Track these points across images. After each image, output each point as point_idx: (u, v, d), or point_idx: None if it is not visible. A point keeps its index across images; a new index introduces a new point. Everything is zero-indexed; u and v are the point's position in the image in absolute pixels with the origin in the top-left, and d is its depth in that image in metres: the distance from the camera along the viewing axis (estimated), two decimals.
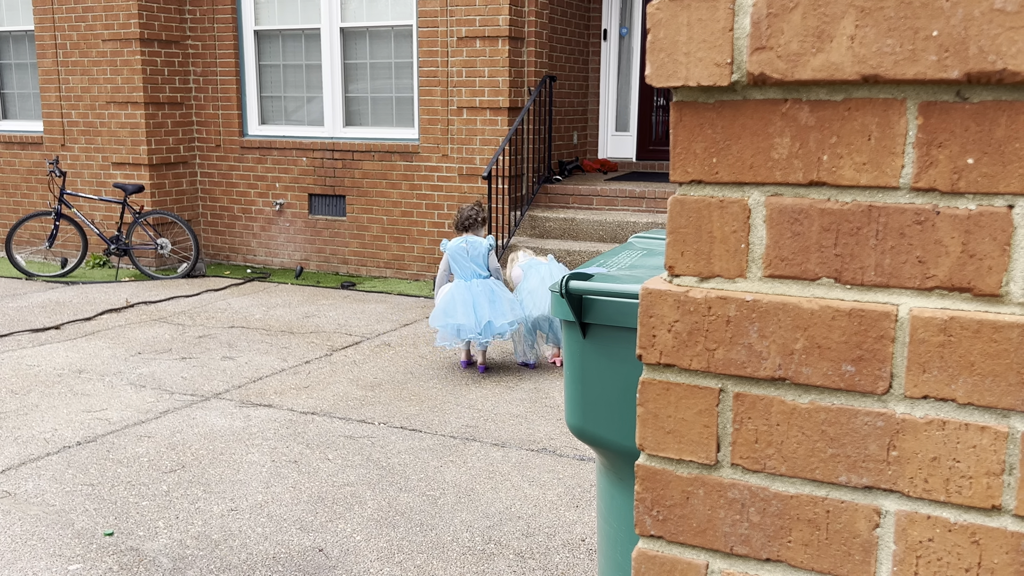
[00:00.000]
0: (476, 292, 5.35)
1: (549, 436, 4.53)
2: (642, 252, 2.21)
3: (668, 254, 0.88)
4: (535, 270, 5.63)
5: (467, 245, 5.51)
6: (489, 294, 5.37)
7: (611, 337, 1.85)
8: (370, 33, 8.65)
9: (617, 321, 1.83)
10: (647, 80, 0.87)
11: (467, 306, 5.29)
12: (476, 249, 5.49)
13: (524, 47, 8.19)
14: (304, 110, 9.13)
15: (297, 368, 5.75)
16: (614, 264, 2.06)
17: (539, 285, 5.47)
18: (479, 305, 5.30)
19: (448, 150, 8.36)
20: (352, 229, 8.91)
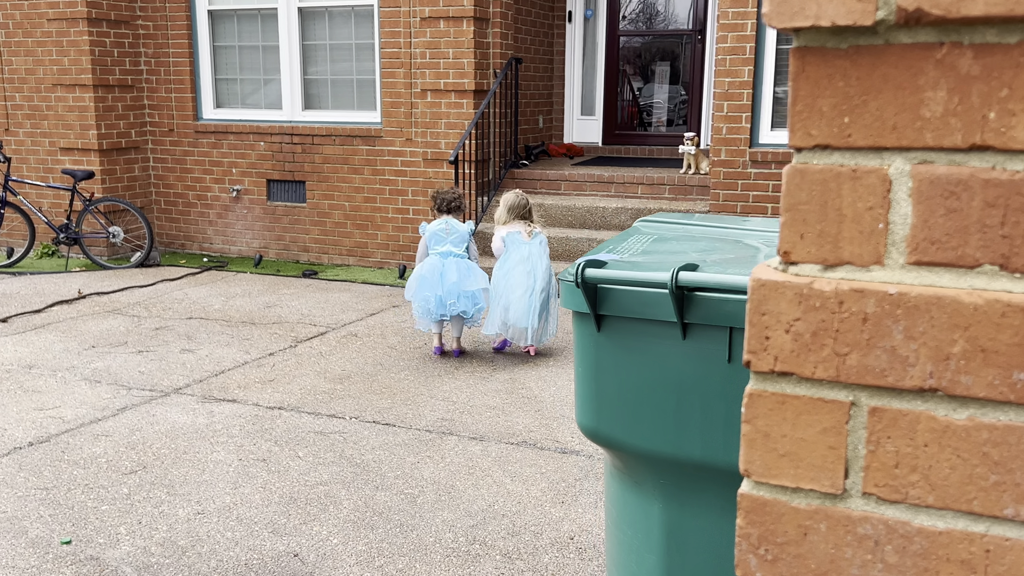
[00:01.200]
0: (448, 266, 5.37)
1: (528, 428, 4.38)
2: (651, 238, 2.06)
3: (784, 236, 0.72)
4: (515, 249, 5.41)
5: (447, 226, 5.50)
6: (464, 269, 5.39)
7: (629, 329, 1.69)
8: (329, 13, 8.37)
9: (636, 312, 1.67)
10: (764, 20, 0.70)
11: (437, 275, 5.33)
12: (456, 232, 5.50)
13: (489, 28, 7.99)
14: (261, 93, 8.83)
15: (261, 360, 5.52)
16: (625, 250, 1.91)
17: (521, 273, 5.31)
18: (447, 276, 5.32)
19: (412, 134, 8.14)
20: (313, 216, 8.66)
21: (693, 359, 1.65)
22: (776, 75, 7.15)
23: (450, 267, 5.37)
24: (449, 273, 5.34)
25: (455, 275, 5.33)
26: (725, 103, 7.20)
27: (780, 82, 7.16)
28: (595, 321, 1.71)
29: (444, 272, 5.34)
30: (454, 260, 5.42)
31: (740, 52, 7.09)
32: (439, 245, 5.48)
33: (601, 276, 1.67)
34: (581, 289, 1.67)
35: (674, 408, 1.67)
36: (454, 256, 5.44)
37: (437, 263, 5.40)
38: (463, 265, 5.42)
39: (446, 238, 5.47)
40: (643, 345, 1.69)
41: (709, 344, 1.64)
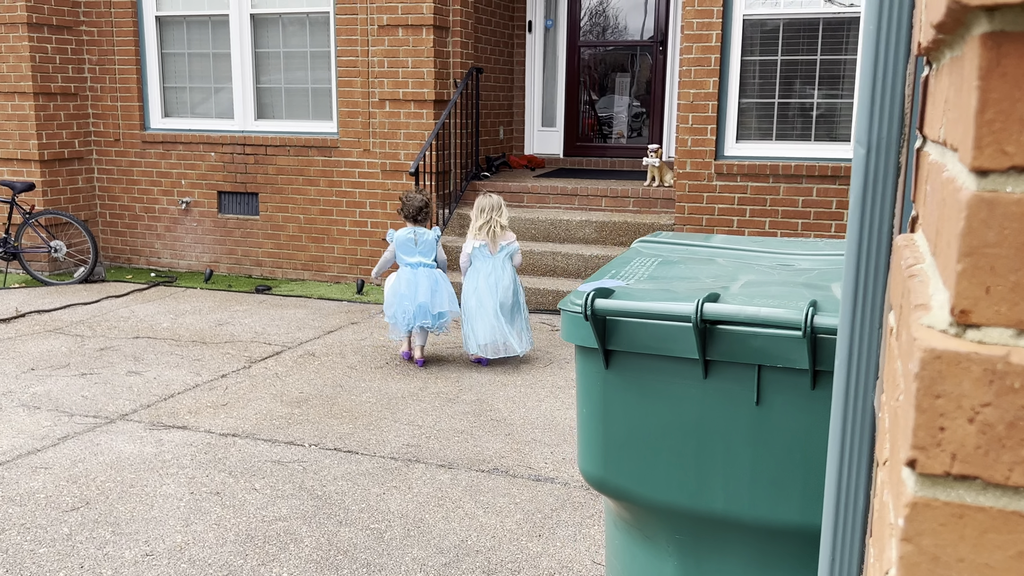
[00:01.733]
0: (420, 278, 5.44)
1: (499, 454, 4.17)
2: (655, 260, 1.87)
3: (961, 289, 0.53)
4: (481, 265, 5.50)
5: (415, 235, 5.55)
6: (432, 283, 5.46)
7: (643, 367, 1.50)
8: (283, 20, 8.10)
9: (651, 347, 1.49)
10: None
11: (411, 288, 5.41)
12: (423, 239, 5.55)
13: (449, 37, 7.79)
14: (212, 102, 8.51)
15: (212, 383, 5.24)
16: (629, 275, 1.72)
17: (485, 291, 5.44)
18: (420, 291, 5.40)
19: (370, 144, 7.90)
20: (266, 229, 8.36)
21: (716, 400, 1.47)
22: (741, 86, 7.06)
23: (423, 281, 5.43)
24: (422, 288, 5.41)
25: (427, 292, 5.40)
26: (690, 115, 7.09)
27: (745, 94, 7.08)
28: (603, 357, 1.52)
29: (418, 287, 5.42)
30: (425, 272, 5.48)
31: (705, 63, 6.99)
32: (409, 255, 5.53)
33: (613, 308, 1.48)
34: (591, 322, 1.48)
35: (693, 455, 1.49)
36: (425, 267, 5.50)
37: (411, 277, 5.45)
38: (433, 279, 5.48)
39: (415, 248, 5.52)
40: (659, 384, 1.50)
41: (734, 384, 1.46)
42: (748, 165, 7.01)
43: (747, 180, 7.05)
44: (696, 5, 6.91)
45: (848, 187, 6.87)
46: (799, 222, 6.98)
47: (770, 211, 7.03)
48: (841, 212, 6.88)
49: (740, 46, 6.98)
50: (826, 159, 6.91)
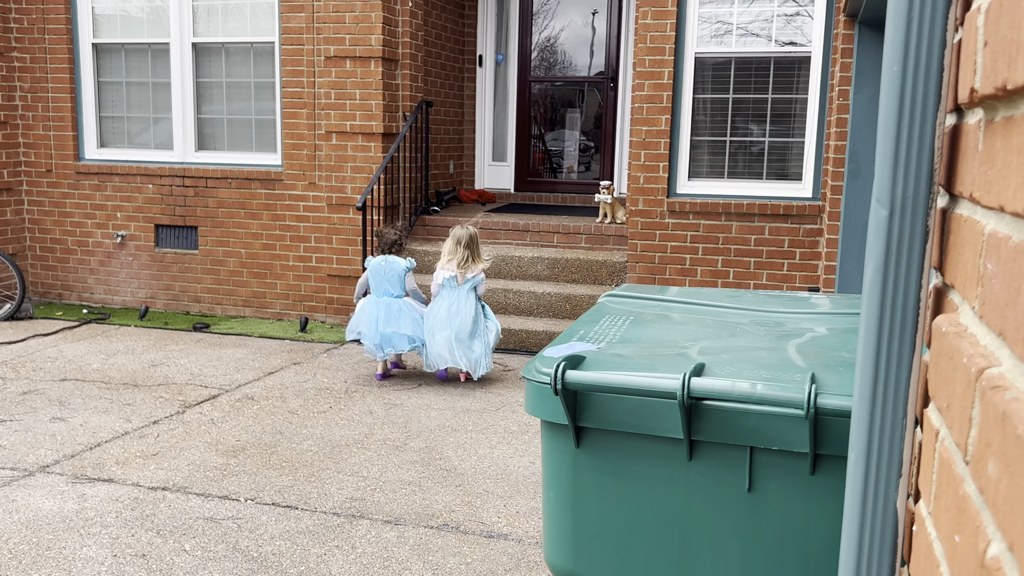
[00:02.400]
0: (382, 308, 5.75)
1: (448, 508, 3.95)
2: (626, 319, 1.69)
3: None
4: (447, 294, 5.79)
5: (385, 264, 5.84)
6: (396, 312, 5.75)
7: (620, 447, 1.32)
8: (227, 49, 7.86)
9: (629, 425, 1.31)
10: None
11: (371, 319, 5.73)
12: (393, 270, 5.83)
13: (399, 70, 7.63)
14: (151, 132, 8.21)
15: (143, 430, 4.92)
16: (600, 336, 1.54)
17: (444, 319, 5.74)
18: (381, 320, 5.71)
19: (315, 178, 7.67)
20: (205, 263, 8.04)
21: (702, 486, 1.29)
22: (693, 124, 7.01)
23: (382, 312, 5.74)
24: (380, 317, 5.73)
25: (384, 322, 5.71)
26: (642, 152, 7.02)
27: (697, 131, 7.03)
28: (574, 435, 1.33)
29: (379, 318, 5.74)
30: (386, 303, 5.78)
31: (657, 100, 6.93)
32: (378, 284, 5.87)
33: (588, 381, 1.29)
34: (561, 396, 1.29)
35: (676, 549, 1.30)
36: (389, 297, 5.82)
37: (372, 308, 5.78)
38: (394, 307, 5.77)
39: (383, 277, 5.84)
40: (637, 467, 1.32)
41: (723, 468, 1.29)
42: (700, 203, 6.94)
43: (699, 218, 6.98)
44: (648, 42, 6.86)
45: (800, 226, 6.84)
46: (751, 260, 6.92)
47: (723, 249, 6.96)
48: (793, 251, 6.84)
49: (692, 83, 6.94)
50: (778, 197, 6.88)
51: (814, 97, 6.77)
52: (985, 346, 0.71)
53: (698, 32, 6.87)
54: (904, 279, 0.95)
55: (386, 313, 5.73)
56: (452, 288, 5.75)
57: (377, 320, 5.71)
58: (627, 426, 1.32)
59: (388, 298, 5.80)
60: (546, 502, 1.45)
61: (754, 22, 6.81)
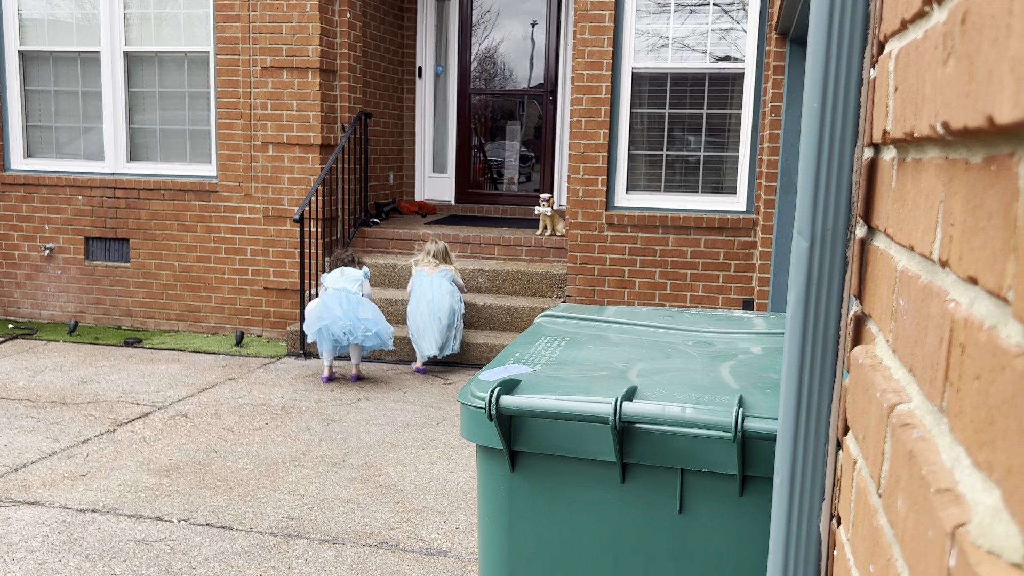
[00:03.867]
0: (342, 298, 5.96)
1: (388, 525, 3.92)
2: (562, 340, 1.71)
3: None
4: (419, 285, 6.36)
5: (341, 273, 6.16)
6: (353, 301, 5.97)
7: (554, 470, 1.33)
8: (160, 59, 7.72)
9: (563, 448, 1.32)
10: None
11: (329, 308, 5.93)
12: (350, 275, 6.14)
13: (337, 81, 7.58)
14: (80, 142, 8.00)
15: (72, 450, 4.78)
16: (535, 359, 1.55)
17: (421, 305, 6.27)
18: (343, 307, 5.92)
19: (251, 189, 7.56)
20: (137, 277, 7.86)
21: (635, 508, 1.31)
22: (631, 138, 7.10)
23: (339, 300, 5.95)
24: (334, 306, 5.92)
25: (340, 307, 5.90)
26: (581, 165, 7.08)
27: (634, 145, 7.12)
28: (509, 459, 1.34)
29: (331, 305, 5.94)
30: (344, 294, 5.99)
31: (595, 115, 7.00)
32: (336, 285, 6.09)
33: (521, 406, 1.30)
34: (495, 421, 1.30)
35: (612, 571, 1.32)
36: (345, 292, 6.02)
37: (330, 299, 5.99)
38: (353, 298, 5.98)
39: (341, 278, 6.12)
40: (572, 490, 1.33)
41: (655, 490, 1.31)
42: (638, 216, 7.03)
43: (637, 231, 7.07)
44: (586, 57, 6.94)
45: (735, 239, 6.97)
46: (688, 272, 7.02)
47: (660, 261, 7.06)
48: (728, 263, 6.97)
49: (629, 98, 7.03)
50: (713, 211, 7.00)
51: (748, 112, 6.91)
52: (898, 380, 0.73)
53: (635, 46, 6.97)
54: (824, 309, 0.98)
55: (347, 302, 5.94)
56: (424, 278, 6.35)
57: (340, 305, 5.91)
58: (561, 450, 1.34)
59: (346, 292, 6.03)
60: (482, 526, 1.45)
61: (690, 36, 6.93)
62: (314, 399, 5.82)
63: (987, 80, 0.47)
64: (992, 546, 0.42)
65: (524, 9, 9.14)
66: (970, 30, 0.50)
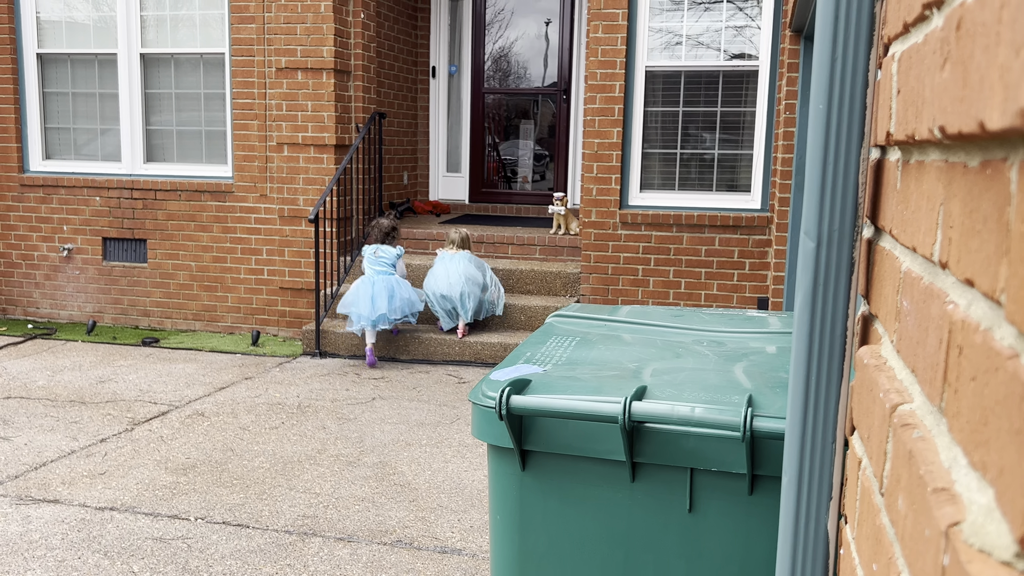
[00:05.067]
0: (378, 287, 6.38)
1: (403, 523, 3.94)
2: (573, 340, 1.72)
3: None
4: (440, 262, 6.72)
5: (376, 251, 6.56)
6: (388, 290, 6.38)
7: (565, 470, 1.34)
8: (176, 60, 7.78)
9: (573, 448, 1.33)
10: None
11: (366, 298, 6.36)
12: (385, 256, 6.54)
13: (351, 81, 7.61)
14: (98, 143, 8.07)
15: (90, 449, 4.83)
16: (546, 359, 1.56)
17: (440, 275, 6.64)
18: (377, 297, 6.34)
19: (267, 190, 7.61)
20: (155, 277, 7.93)
21: (645, 507, 1.32)
22: (644, 137, 7.10)
23: (379, 286, 6.39)
24: (379, 293, 6.35)
25: (384, 295, 6.34)
26: (595, 164, 7.08)
27: (648, 144, 7.12)
28: (520, 458, 1.35)
29: (374, 293, 6.35)
30: (383, 279, 6.42)
31: (609, 113, 7.00)
32: (372, 265, 6.53)
33: (531, 406, 1.31)
34: (506, 421, 1.31)
35: (621, 569, 1.33)
36: (384, 275, 6.45)
37: (367, 287, 6.40)
38: (391, 282, 6.42)
39: (376, 259, 6.52)
40: (582, 489, 1.34)
41: (664, 489, 1.32)
42: (652, 214, 7.02)
43: (651, 229, 7.06)
44: (599, 56, 6.94)
45: (749, 237, 6.95)
46: (702, 271, 7.01)
47: (674, 260, 7.05)
48: (743, 261, 6.95)
49: (643, 97, 7.03)
50: (727, 209, 6.99)
51: (762, 110, 6.89)
52: (901, 380, 0.74)
53: (649, 44, 6.96)
54: (831, 309, 0.99)
55: (385, 291, 6.36)
56: (446, 256, 6.73)
57: (372, 298, 6.33)
58: (572, 449, 1.35)
59: (383, 276, 6.45)
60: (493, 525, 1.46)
61: (704, 33, 6.92)
62: (329, 398, 5.86)
63: (979, 86, 0.47)
64: (984, 545, 0.43)
65: (538, 8, 9.14)
66: (964, 36, 0.51)
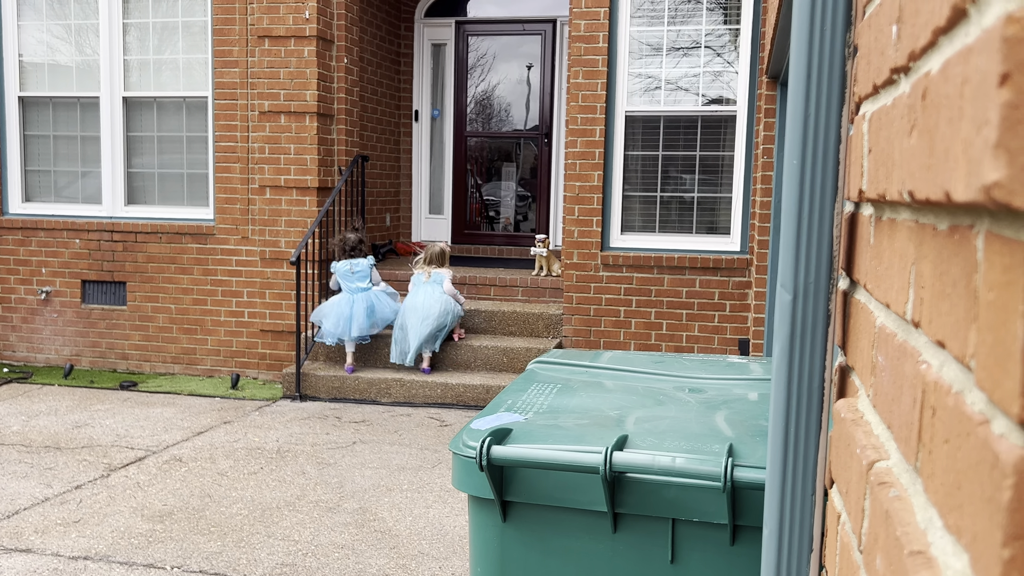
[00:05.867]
0: (356, 306, 6.61)
1: (383, 571, 3.88)
2: (554, 387, 1.72)
3: None
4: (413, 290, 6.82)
5: (351, 266, 6.74)
6: (368, 308, 6.62)
7: (546, 521, 1.33)
8: (158, 104, 7.80)
9: (554, 499, 1.32)
10: None
11: (340, 317, 6.60)
12: (359, 268, 6.75)
13: (334, 125, 7.66)
14: (78, 186, 8.05)
15: (65, 496, 4.75)
16: (527, 406, 1.56)
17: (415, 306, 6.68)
18: (355, 317, 6.58)
19: (249, 232, 7.60)
20: (134, 319, 7.87)
21: (627, 558, 1.31)
22: (625, 179, 7.17)
23: (359, 306, 6.59)
24: (358, 313, 6.58)
25: (363, 314, 6.57)
26: (576, 207, 7.14)
27: (629, 187, 7.18)
28: (501, 509, 1.34)
29: (353, 311, 6.58)
30: (362, 297, 6.62)
31: (590, 157, 7.07)
32: (348, 282, 6.72)
33: (512, 456, 1.31)
34: (487, 472, 1.30)
35: None
36: (362, 291, 6.66)
37: (344, 307, 6.61)
38: (371, 298, 6.64)
39: (352, 276, 6.71)
40: (564, 540, 1.33)
41: (646, 539, 1.31)
42: (633, 256, 7.06)
43: (632, 271, 7.10)
44: (580, 101, 7.02)
45: (729, 279, 6.99)
46: (683, 312, 7.04)
47: (655, 302, 7.08)
48: (724, 303, 6.99)
49: (623, 141, 7.11)
50: (708, 251, 7.04)
51: (740, 154, 6.98)
52: (878, 436, 0.74)
53: (628, 88, 7.06)
54: (809, 361, 1.00)
55: (364, 310, 6.58)
56: (419, 284, 6.81)
57: (350, 318, 6.55)
58: (553, 500, 1.34)
59: (361, 294, 6.65)
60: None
61: (683, 78, 7.02)
62: (309, 442, 5.80)
63: (944, 157, 0.49)
64: None
65: (520, 53, 9.27)
66: (930, 107, 0.52)
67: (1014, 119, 0.36)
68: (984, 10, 0.40)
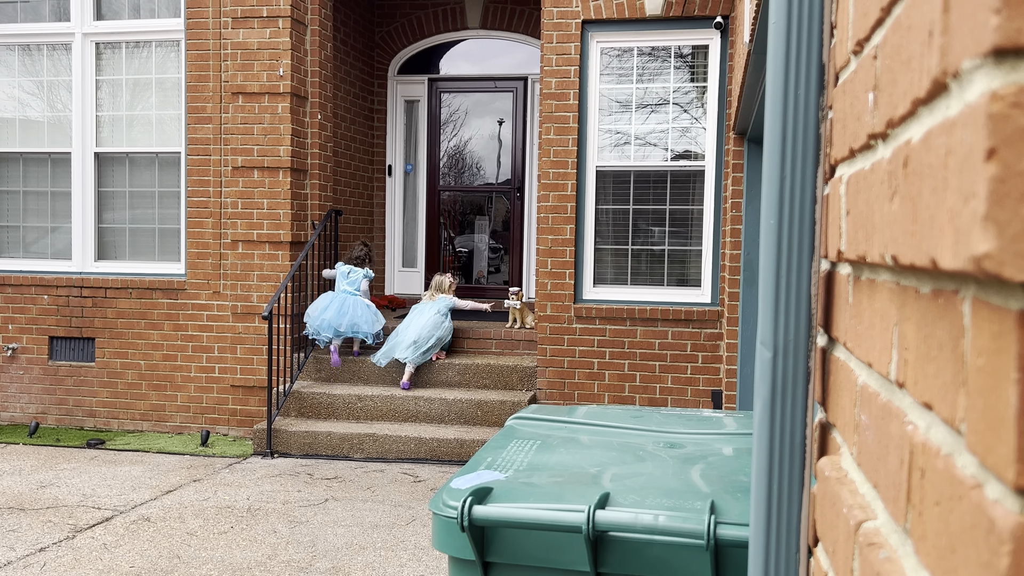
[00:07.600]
0: (334, 302, 7.17)
1: None
2: (534, 443, 1.71)
3: None
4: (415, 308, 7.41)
5: (349, 270, 7.33)
6: (350, 308, 7.17)
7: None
8: (131, 159, 7.78)
9: (537, 560, 1.30)
10: None
11: (318, 309, 7.17)
12: (353, 274, 7.33)
13: (308, 180, 7.68)
14: (48, 241, 7.98)
15: (28, 559, 4.61)
16: (507, 464, 1.54)
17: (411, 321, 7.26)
18: (340, 313, 7.13)
19: (220, 287, 7.55)
20: (102, 376, 7.74)
21: None
22: (596, 233, 7.23)
23: (335, 301, 7.17)
24: (333, 306, 7.14)
25: (334, 312, 7.11)
26: (549, 259, 7.18)
27: (600, 240, 7.24)
28: (482, 570, 1.32)
29: (330, 305, 7.15)
30: (343, 296, 7.21)
31: (562, 211, 7.14)
32: (340, 282, 7.34)
33: (494, 516, 1.29)
34: (468, 533, 1.29)
35: None
36: (345, 293, 7.24)
37: (328, 296, 7.23)
38: (350, 301, 7.19)
39: (346, 278, 7.30)
40: None
41: None
42: (606, 308, 7.09)
43: (605, 323, 7.12)
44: (552, 156, 7.11)
45: (701, 330, 7.03)
46: (656, 364, 7.06)
47: (629, 353, 7.09)
48: (696, 355, 7.02)
49: (595, 195, 7.19)
50: (679, 303, 7.09)
51: (709, 207, 7.08)
52: (863, 495, 0.75)
53: (599, 143, 7.16)
54: (790, 419, 1.00)
55: (347, 308, 7.15)
56: (424, 304, 7.41)
57: (337, 312, 7.13)
58: (536, 560, 1.32)
59: (344, 294, 7.23)
60: None
61: (652, 133, 7.14)
62: (281, 500, 5.70)
63: (929, 225, 0.50)
64: None
65: (492, 108, 9.39)
66: (912, 175, 0.54)
67: (1001, 192, 0.38)
68: (966, 86, 0.42)
